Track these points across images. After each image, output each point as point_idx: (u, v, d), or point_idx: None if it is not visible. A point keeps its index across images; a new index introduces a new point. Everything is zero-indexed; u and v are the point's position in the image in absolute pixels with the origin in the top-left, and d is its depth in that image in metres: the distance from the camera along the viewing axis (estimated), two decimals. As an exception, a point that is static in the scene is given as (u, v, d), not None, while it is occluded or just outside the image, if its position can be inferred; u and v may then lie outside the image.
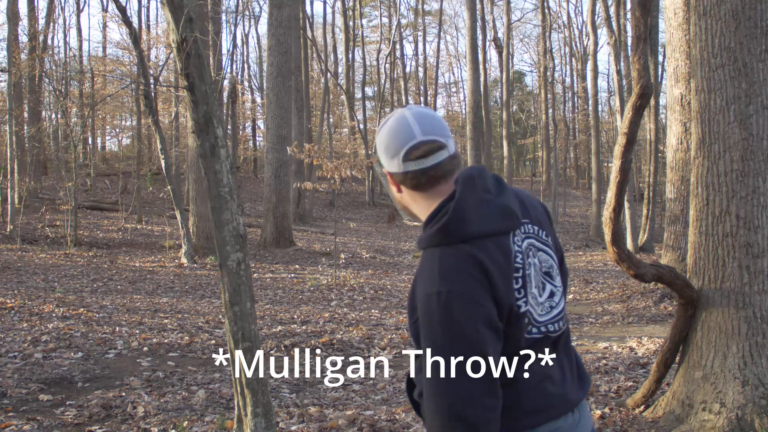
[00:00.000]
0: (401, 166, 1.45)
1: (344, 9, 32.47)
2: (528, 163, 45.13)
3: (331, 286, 10.84)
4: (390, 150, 1.47)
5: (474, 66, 20.93)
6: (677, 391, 3.89)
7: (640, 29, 3.82)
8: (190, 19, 3.00)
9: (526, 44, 60.19)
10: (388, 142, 1.47)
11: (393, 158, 1.47)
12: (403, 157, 1.44)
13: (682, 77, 8.43)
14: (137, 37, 12.97)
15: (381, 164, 1.52)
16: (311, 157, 11.57)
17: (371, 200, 30.61)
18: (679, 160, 8.59)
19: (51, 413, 4.28)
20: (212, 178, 3.11)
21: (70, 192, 15.29)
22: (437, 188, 1.46)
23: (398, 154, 1.45)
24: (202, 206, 13.83)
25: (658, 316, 8.29)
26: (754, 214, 3.69)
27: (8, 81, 16.62)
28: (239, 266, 3.11)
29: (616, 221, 3.85)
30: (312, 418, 4.16)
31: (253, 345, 3.13)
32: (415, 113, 1.47)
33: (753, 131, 3.71)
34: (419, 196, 1.49)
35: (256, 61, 41.28)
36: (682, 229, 8.70)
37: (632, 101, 3.86)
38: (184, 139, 24.36)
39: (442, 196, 1.44)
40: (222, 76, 18.64)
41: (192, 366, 5.63)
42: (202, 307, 8.65)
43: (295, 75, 18.93)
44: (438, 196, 1.45)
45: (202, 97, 3.06)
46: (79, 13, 40.05)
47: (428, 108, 1.56)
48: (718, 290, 3.75)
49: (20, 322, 7.04)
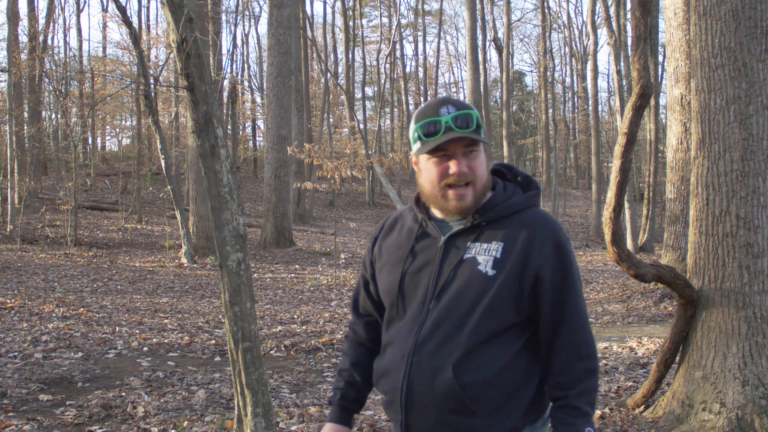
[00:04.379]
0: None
1: (344, 9, 32.47)
2: (528, 163, 45.14)
3: (331, 286, 10.84)
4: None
5: (474, 66, 20.93)
6: (677, 391, 3.89)
7: (640, 29, 3.82)
8: (190, 19, 3.00)
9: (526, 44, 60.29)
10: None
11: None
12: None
13: (682, 77, 8.43)
14: (137, 37, 12.97)
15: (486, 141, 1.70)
16: (311, 157, 11.58)
17: (371, 200, 30.62)
18: (679, 160, 8.59)
19: (51, 413, 4.28)
20: (212, 178, 3.10)
21: (70, 192, 15.29)
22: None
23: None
24: (202, 206, 13.83)
25: (658, 316, 8.29)
26: (754, 214, 3.69)
27: (8, 81, 16.64)
28: (239, 266, 3.11)
29: (616, 221, 3.85)
30: (312, 418, 4.16)
31: (253, 345, 3.13)
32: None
33: (753, 131, 3.71)
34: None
35: (256, 61, 41.32)
36: (682, 229, 8.69)
37: (632, 101, 3.86)
38: (184, 139, 24.38)
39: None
40: (222, 76, 18.64)
41: (192, 366, 5.63)
42: (202, 307, 8.65)
43: (295, 75, 18.92)
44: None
45: (202, 97, 3.06)
46: (79, 13, 40.16)
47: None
48: (718, 290, 3.75)
49: (20, 322, 7.04)
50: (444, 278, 1.63)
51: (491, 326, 1.57)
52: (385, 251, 1.79)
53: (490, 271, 1.58)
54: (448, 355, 1.57)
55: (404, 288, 1.69)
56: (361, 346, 1.87)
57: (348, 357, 1.88)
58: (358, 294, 1.89)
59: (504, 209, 1.65)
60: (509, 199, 1.67)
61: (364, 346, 1.86)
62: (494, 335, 1.58)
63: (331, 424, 1.83)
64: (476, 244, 1.63)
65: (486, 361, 1.57)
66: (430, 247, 1.68)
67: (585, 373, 1.59)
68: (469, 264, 1.61)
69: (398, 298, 1.70)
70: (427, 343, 1.60)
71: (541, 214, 1.67)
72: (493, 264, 1.59)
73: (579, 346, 1.60)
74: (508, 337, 1.60)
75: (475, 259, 1.61)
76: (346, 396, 1.85)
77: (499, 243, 1.61)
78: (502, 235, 1.62)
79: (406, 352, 1.63)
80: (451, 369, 1.56)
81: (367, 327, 1.87)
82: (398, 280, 1.70)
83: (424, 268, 1.67)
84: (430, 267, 1.66)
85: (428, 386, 1.58)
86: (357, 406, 1.87)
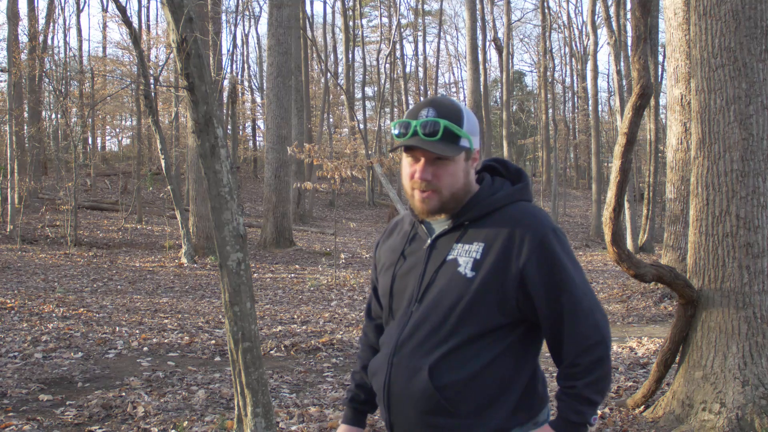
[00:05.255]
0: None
1: (344, 9, 32.46)
2: (528, 163, 45.14)
3: (331, 286, 10.85)
4: (479, 130, 1.68)
5: (474, 66, 20.93)
6: (677, 391, 3.89)
7: (640, 29, 3.82)
8: (190, 19, 3.00)
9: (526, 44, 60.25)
10: (477, 124, 1.68)
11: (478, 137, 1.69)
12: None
13: (682, 77, 8.43)
14: (137, 37, 12.97)
15: (471, 145, 1.64)
16: (311, 157, 11.59)
17: (371, 200, 30.61)
18: (679, 160, 8.59)
19: (51, 413, 4.28)
20: (212, 178, 3.10)
21: (70, 192, 15.30)
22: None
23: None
24: (202, 206, 13.83)
25: (658, 316, 8.29)
26: (754, 214, 3.69)
27: (8, 81, 16.64)
28: (239, 266, 3.11)
29: (616, 221, 3.85)
30: (312, 418, 4.17)
31: (253, 345, 3.13)
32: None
33: (753, 131, 3.71)
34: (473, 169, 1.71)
35: (256, 61, 41.31)
36: (682, 229, 8.69)
37: (632, 101, 3.86)
38: (184, 139, 24.37)
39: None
40: (222, 76, 18.64)
41: (192, 366, 5.63)
42: (202, 307, 8.65)
43: (295, 75, 18.93)
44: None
45: (202, 97, 3.06)
46: (79, 13, 40.15)
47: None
48: (718, 290, 3.75)
49: (20, 322, 7.04)
50: (427, 280, 1.63)
51: (471, 328, 1.56)
52: (383, 255, 1.81)
53: (469, 273, 1.57)
54: (425, 356, 1.58)
55: (394, 290, 1.71)
56: (371, 348, 1.88)
57: (360, 360, 1.91)
58: (371, 298, 1.93)
59: (486, 206, 1.62)
60: (494, 194, 1.65)
61: (374, 349, 1.87)
62: (475, 337, 1.56)
63: (344, 425, 1.87)
64: (458, 245, 1.62)
65: (464, 362, 1.56)
66: (418, 250, 1.69)
67: (594, 363, 1.55)
68: (450, 265, 1.60)
69: (390, 300, 1.72)
70: (407, 344, 1.61)
71: (526, 208, 1.62)
72: (472, 265, 1.57)
73: (586, 336, 1.55)
74: (492, 338, 1.57)
75: (456, 261, 1.60)
76: (357, 398, 1.88)
77: (479, 243, 1.59)
78: (484, 235, 1.60)
79: (388, 353, 1.65)
80: (427, 370, 1.56)
81: (377, 330, 1.89)
82: (390, 282, 1.72)
83: (411, 271, 1.68)
84: (416, 269, 1.67)
85: (406, 387, 1.59)
86: (368, 407, 1.88)
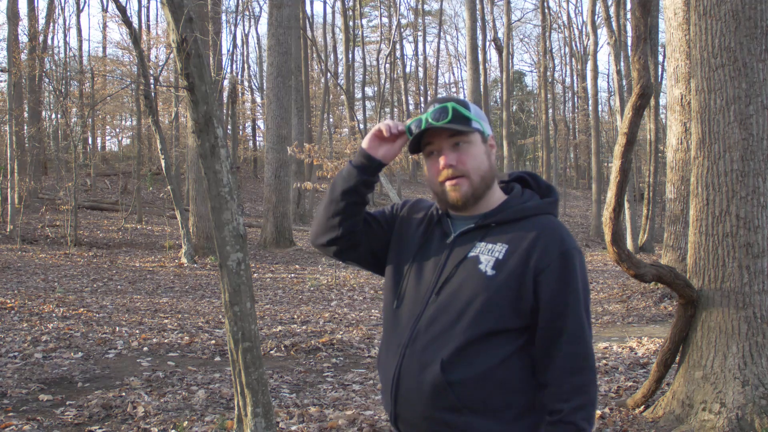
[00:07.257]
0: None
1: (344, 9, 32.47)
2: (528, 163, 45.12)
3: (331, 286, 10.85)
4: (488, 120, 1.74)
5: (474, 66, 20.93)
6: (677, 391, 3.89)
7: (640, 29, 3.82)
8: (190, 19, 3.00)
9: (526, 44, 60.25)
10: (484, 114, 1.72)
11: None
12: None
13: (682, 77, 8.43)
14: (137, 37, 12.97)
15: (483, 128, 1.69)
16: (311, 157, 11.58)
17: (371, 200, 30.61)
18: (679, 160, 8.59)
19: (51, 413, 4.28)
20: (212, 178, 3.11)
21: (70, 192, 15.30)
22: None
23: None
24: (202, 206, 13.83)
25: (658, 316, 8.29)
26: (754, 214, 3.69)
27: (8, 81, 16.63)
28: (239, 266, 3.11)
29: (616, 221, 3.85)
30: (312, 418, 4.17)
31: (253, 345, 3.13)
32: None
33: (753, 131, 3.71)
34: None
35: (256, 61, 41.29)
36: (682, 229, 8.70)
37: (632, 101, 3.86)
38: (184, 139, 24.35)
39: None
40: (222, 76, 18.64)
41: (192, 366, 5.63)
42: (202, 307, 8.65)
43: (295, 75, 18.92)
44: None
45: (202, 97, 3.06)
46: (79, 13, 40.19)
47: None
48: (718, 290, 3.75)
49: (20, 322, 7.03)
50: (446, 274, 1.64)
51: (485, 326, 1.57)
52: (405, 227, 1.79)
53: (490, 271, 1.58)
54: (439, 350, 1.58)
55: (411, 274, 1.71)
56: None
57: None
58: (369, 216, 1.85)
59: (515, 212, 1.66)
60: (524, 203, 1.68)
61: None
62: (488, 335, 1.57)
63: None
64: (482, 243, 1.64)
65: (476, 359, 1.56)
66: (440, 242, 1.71)
67: (582, 387, 1.55)
68: (471, 262, 1.62)
69: (404, 281, 1.71)
70: (421, 336, 1.61)
71: (553, 222, 1.66)
72: (494, 264, 1.59)
73: (578, 358, 1.56)
74: (505, 338, 1.58)
75: (478, 258, 1.62)
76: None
77: (503, 245, 1.61)
78: (509, 237, 1.62)
79: (401, 343, 1.65)
80: (439, 365, 1.56)
81: (364, 221, 1.79)
82: (406, 263, 1.72)
83: (431, 261, 1.69)
84: (436, 260, 1.68)
85: (416, 380, 1.59)
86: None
